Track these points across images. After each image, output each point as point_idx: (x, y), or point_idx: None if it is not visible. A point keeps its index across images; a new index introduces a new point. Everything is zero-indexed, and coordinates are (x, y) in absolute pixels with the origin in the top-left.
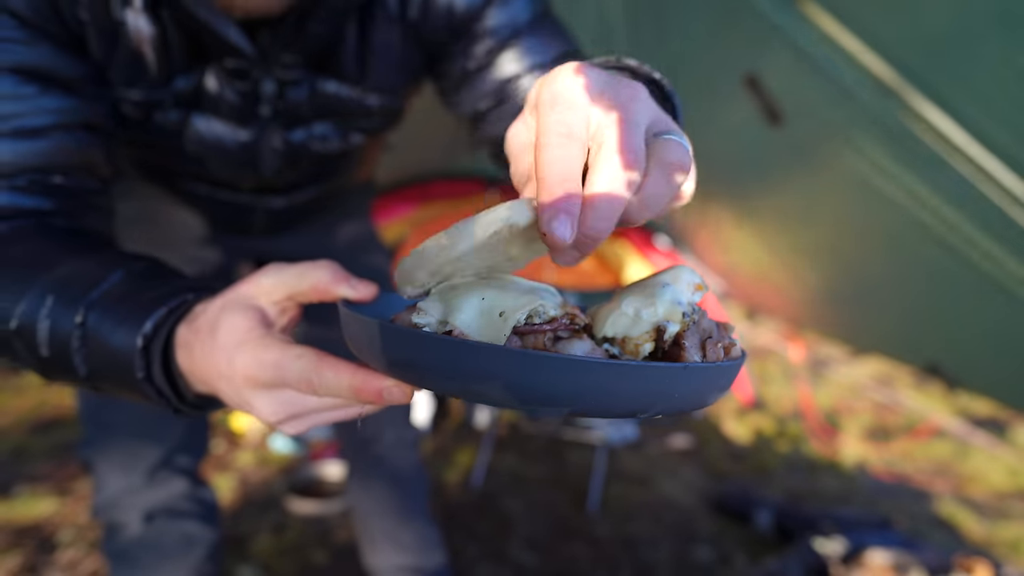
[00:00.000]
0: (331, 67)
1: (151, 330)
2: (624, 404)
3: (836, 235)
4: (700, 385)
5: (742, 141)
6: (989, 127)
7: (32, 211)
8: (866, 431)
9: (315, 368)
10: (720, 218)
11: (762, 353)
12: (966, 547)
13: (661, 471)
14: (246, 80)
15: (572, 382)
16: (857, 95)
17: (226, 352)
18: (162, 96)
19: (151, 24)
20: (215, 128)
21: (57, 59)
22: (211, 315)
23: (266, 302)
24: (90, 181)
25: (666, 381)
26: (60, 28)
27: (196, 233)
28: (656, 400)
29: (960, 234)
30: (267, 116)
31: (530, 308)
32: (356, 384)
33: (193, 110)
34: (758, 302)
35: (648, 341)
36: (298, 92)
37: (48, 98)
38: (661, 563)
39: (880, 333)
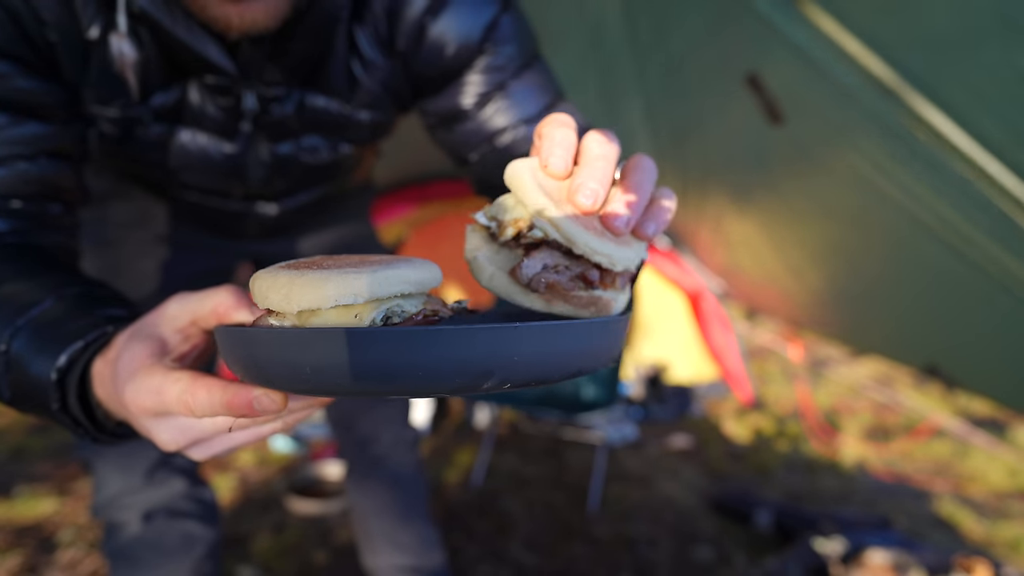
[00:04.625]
0: (320, 82)
1: (65, 363)
2: (460, 372)
3: (836, 235)
4: (541, 347)
5: (743, 140)
6: (989, 128)
7: None
8: (866, 431)
9: (189, 389)
10: (720, 217)
11: (762, 353)
12: (966, 547)
13: (661, 471)
14: (228, 96)
15: (405, 354)
16: (857, 96)
17: (122, 383)
18: (140, 113)
19: (134, 48)
20: (199, 140)
21: (27, 85)
22: (117, 347)
23: (168, 330)
24: (52, 205)
25: (496, 343)
26: (29, 52)
27: (192, 235)
28: (495, 365)
29: (959, 234)
30: (248, 132)
31: (387, 308)
32: (227, 398)
33: (177, 124)
34: (758, 302)
35: (512, 228)
36: (283, 107)
37: (17, 128)
38: (661, 563)
39: (879, 333)
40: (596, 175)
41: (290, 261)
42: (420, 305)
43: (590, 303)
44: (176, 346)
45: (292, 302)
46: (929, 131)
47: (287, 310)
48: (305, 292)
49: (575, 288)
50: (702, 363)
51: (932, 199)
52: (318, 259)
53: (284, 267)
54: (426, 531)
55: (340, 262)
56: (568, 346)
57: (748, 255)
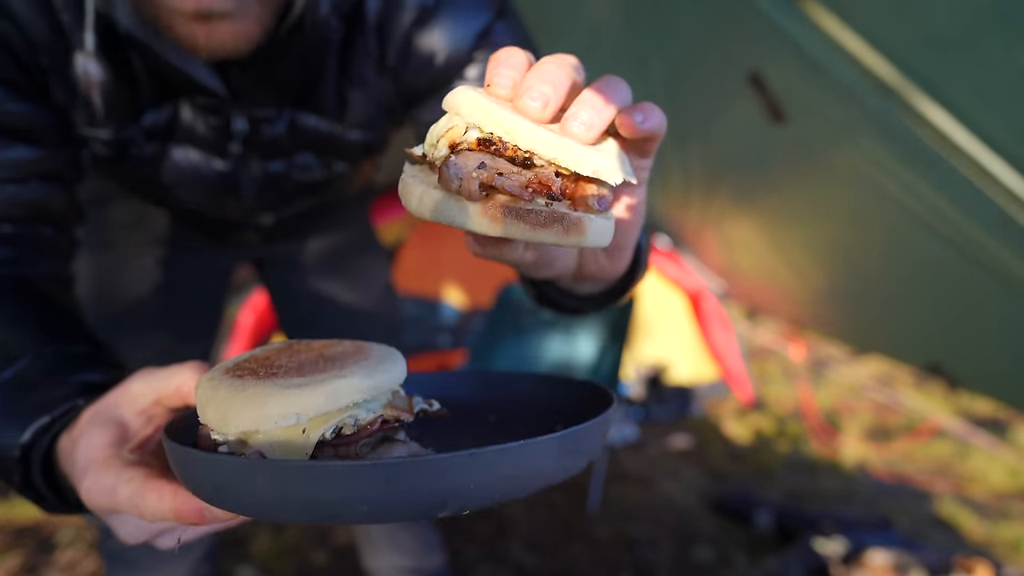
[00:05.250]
0: (310, 102)
1: (30, 440)
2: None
3: (838, 234)
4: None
5: (744, 140)
6: (991, 126)
7: None
8: (866, 431)
9: (140, 493)
10: (721, 216)
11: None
12: (967, 547)
13: (661, 471)
14: (218, 116)
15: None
16: (859, 94)
17: (79, 473)
18: (131, 133)
19: (101, 68)
20: (191, 157)
21: (17, 109)
22: (79, 428)
23: (130, 412)
24: (44, 228)
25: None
26: (20, 76)
27: (191, 238)
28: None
29: (961, 233)
30: (238, 153)
31: (337, 421)
32: (176, 506)
33: (169, 141)
34: (759, 302)
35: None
36: (274, 127)
37: (6, 152)
38: (661, 563)
39: (881, 332)
40: (546, 76)
41: (239, 359)
42: (379, 409)
43: (552, 220)
44: (138, 430)
45: (230, 424)
46: (931, 129)
47: (224, 432)
48: (243, 413)
49: (526, 196)
50: (702, 363)
51: (934, 197)
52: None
53: (228, 373)
54: (427, 533)
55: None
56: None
57: (749, 254)
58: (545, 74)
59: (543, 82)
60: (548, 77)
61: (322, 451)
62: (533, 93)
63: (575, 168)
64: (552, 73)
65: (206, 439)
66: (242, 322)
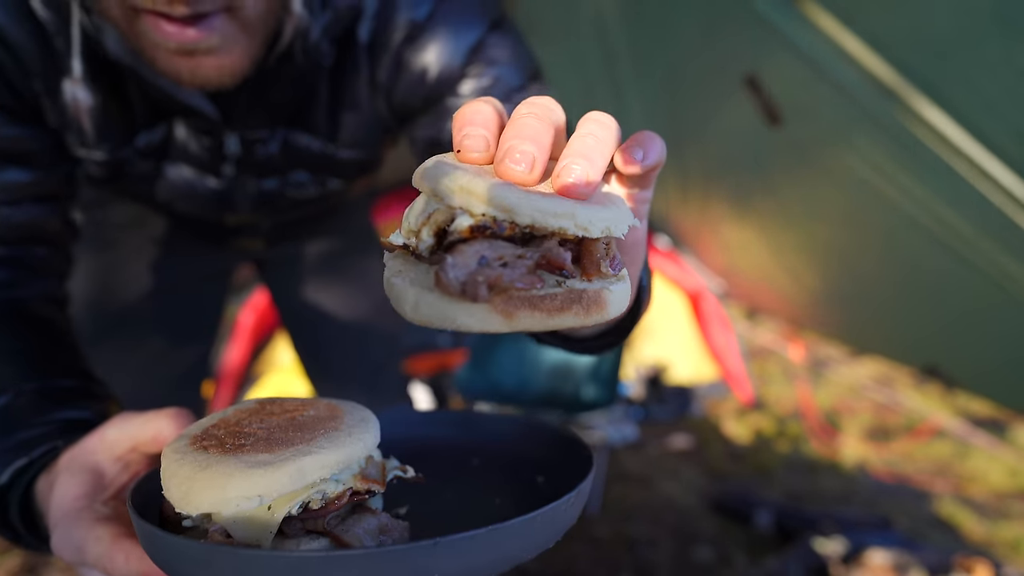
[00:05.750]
0: (303, 122)
1: (7, 481)
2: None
3: (836, 235)
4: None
5: (742, 141)
6: (989, 128)
7: None
8: (866, 431)
9: (108, 554)
10: (720, 218)
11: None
12: (966, 547)
13: (661, 471)
14: (211, 136)
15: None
16: (857, 95)
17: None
18: (126, 154)
19: (90, 94)
20: (185, 174)
21: (11, 132)
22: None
23: (106, 459)
24: (38, 249)
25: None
26: (14, 102)
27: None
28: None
29: (958, 234)
30: (231, 175)
31: (303, 498)
32: (143, 571)
33: (163, 159)
34: (758, 302)
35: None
36: (267, 147)
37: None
38: (661, 563)
39: (879, 334)
40: (525, 132)
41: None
42: (349, 480)
43: (570, 302)
44: (114, 478)
45: (191, 504)
46: (929, 131)
47: (186, 511)
48: (205, 494)
49: (537, 283)
50: (702, 363)
51: (931, 199)
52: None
53: (194, 444)
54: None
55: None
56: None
57: (747, 256)
58: (523, 129)
59: (523, 140)
60: (527, 132)
61: (289, 525)
62: (515, 155)
63: (584, 233)
64: (531, 127)
65: (171, 509)
66: (242, 322)
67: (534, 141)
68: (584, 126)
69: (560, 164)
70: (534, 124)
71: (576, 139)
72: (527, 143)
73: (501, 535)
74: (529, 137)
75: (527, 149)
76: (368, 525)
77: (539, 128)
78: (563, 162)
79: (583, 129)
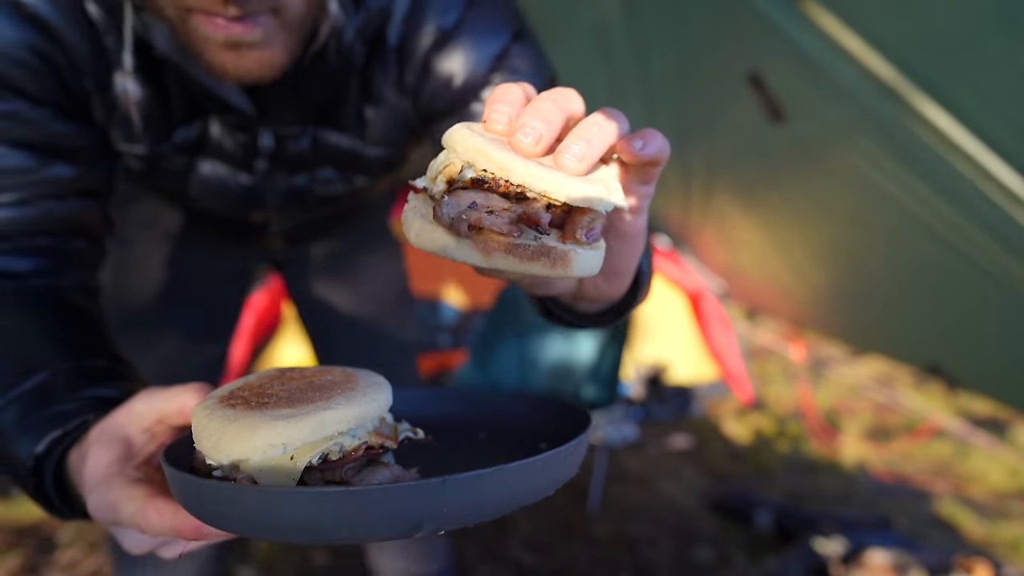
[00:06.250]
0: (333, 120)
1: (44, 451)
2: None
3: (838, 234)
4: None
5: (745, 139)
6: (991, 126)
7: (11, 273)
8: (866, 431)
9: (141, 511)
10: (722, 216)
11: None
12: (966, 547)
13: (661, 471)
14: (246, 132)
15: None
16: (859, 94)
17: (87, 490)
18: (163, 149)
19: (139, 87)
20: (218, 171)
21: (62, 130)
22: (87, 443)
23: (135, 430)
24: (76, 241)
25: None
26: (66, 99)
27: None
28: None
29: (961, 233)
30: (264, 169)
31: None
32: (176, 524)
33: (197, 155)
34: (759, 302)
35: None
36: (299, 144)
37: (47, 170)
38: (661, 563)
39: (881, 332)
40: (539, 113)
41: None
42: (364, 436)
43: (539, 254)
44: (142, 447)
45: (221, 452)
46: (931, 129)
47: (217, 459)
48: (234, 443)
49: (514, 233)
50: (702, 363)
51: (934, 198)
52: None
53: (222, 402)
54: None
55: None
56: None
57: (750, 254)
58: (538, 111)
59: (536, 118)
60: (541, 114)
61: (310, 475)
62: (526, 130)
63: (564, 199)
64: (545, 110)
65: (202, 463)
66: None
67: (544, 121)
68: (593, 115)
69: (563, 142)
70: (548, 107)
71: (582, 125)
72: (537, 121)
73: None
74: (540, 117)
75: (536, 126)
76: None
77: (551, 111)
78: (566, 141)
79: (591, 118)
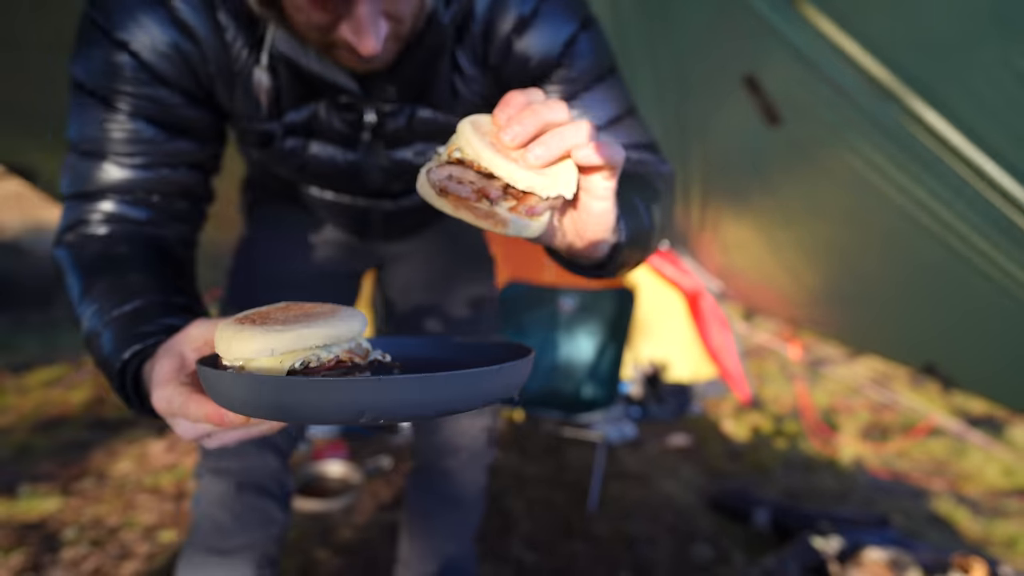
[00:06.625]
0: (427, 97)
1: (128, 358)
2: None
3: (833, 235)
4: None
5: (741, 141)
6: (986, 129)
7: (132, 219)
8: (863, 430)
9: (185, 403)
10: (718, 217)
11: (760, 353)
12: (963, 545)
13: (660, 470)
14: (352, 111)
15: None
16: (855, 96)
17: (152, 388)
18: (275, 128)
19: (270, 78)
20: (328, 150)
21: (189, 114)
22: (156, 357)
23: (188, 348)
24: (181, 202)
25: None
26: (195, 86)
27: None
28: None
29: (956, 235)
30: (367, 141)
31: (303, 357)
32: (206, 413)
33: (309, 137)
34: (756, 303)
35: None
36: (397, 120)
37: (171, 143)
38: (660, 561)
39: (877, 333)
40: (521, 120)
41: (249, 313)
42: (338, 352)
43: (486, 216)
44: (191, 361)
45: (231, 354)
46: (927, 132)
47: (229, 360)
48: (239, 347)
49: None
50: (701, 363)
51: (929, 200)
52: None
53: (237, 321)
54: (467, 550)
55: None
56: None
57: (746, 255)
58: (521, 118)
59: (517, 124)
60: (522, 120)
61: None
62: (507, 130)
63: (513, 184)
64: (527, 118)
65: (220, 365)
66: None
67: (522, 126)
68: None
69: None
70: (529, 117)
71: (550, 132)
72: (517, 126)
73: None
74: (520, 123)
75: (515, 129)
76: None
77: (531, 120)
78: (531, 144)
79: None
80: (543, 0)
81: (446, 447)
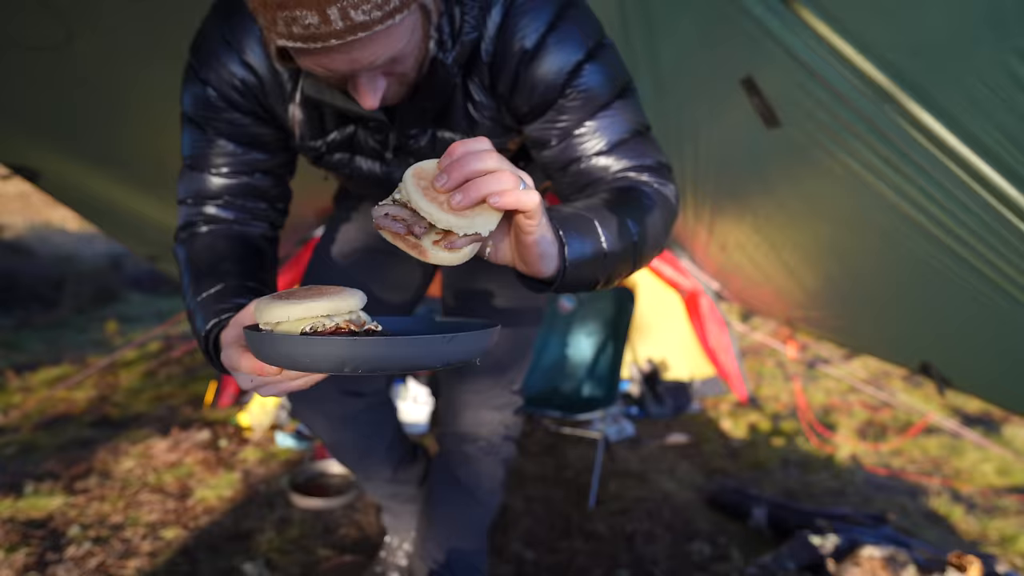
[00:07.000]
0: (446, 122)
1: (209, 328)
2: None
3: (830, 237)
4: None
5: (739, 143)
6: (982, 132)
7: (224, 219)
8: (860, 428)
9: (238, 360)
10: (716, 218)
11: (757, 352)
12: (959, 543)
13: (658, 468)
14: (381, 134)
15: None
16: (851, 99)
17: (223, 348)
18: (320, 146)
19: (302, 112)
20: (368, 163)
21: (258, 131)
22: (228, 328)
23: (246, 319)
24: (260, 204)
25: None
26: (260, 110)
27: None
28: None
29: (952, 236)
30: (390, 159)
31: (311, 323)
32: (252, 366)
33: (353, 153)
34: (753, 303)
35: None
36: (419, 140)
37: (247, 155)
38: (658, 558)
39: (873, 334)
40: (451, 170)
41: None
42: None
43: (414, 247)
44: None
45: (263, 319)
46: (923, 133)
47: (263, 324)
48: (268, 314)
49: (404, 232)
50: (699, 362)
51: (925, 201)
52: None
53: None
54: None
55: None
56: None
57: (743, 256)
58: (452, 168)
59: (447, 173)
60: (450, 170)
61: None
62: (438, 178)
63: (435, 223)
64: (454, 169)
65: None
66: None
67: (448, 175)
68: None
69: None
70: (456, 168)
71: (474, 181)
72: (444, 175)
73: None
74: (448, 172)
75: (443, 177)
76: None
77: (458, 171)
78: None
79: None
80: (549, 32)
81: (466, 435)
